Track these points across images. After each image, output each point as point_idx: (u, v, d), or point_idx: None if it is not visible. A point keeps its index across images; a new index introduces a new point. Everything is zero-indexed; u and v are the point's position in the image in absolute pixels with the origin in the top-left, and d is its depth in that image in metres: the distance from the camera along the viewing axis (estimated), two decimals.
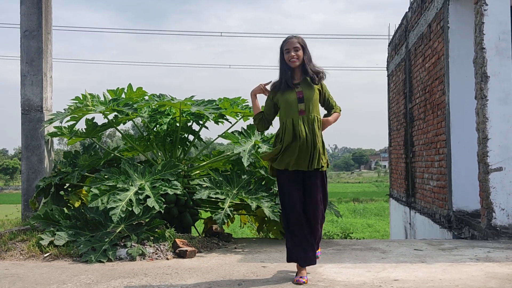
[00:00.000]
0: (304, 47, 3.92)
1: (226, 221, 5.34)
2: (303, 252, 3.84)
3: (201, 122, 6.47)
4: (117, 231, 5.09)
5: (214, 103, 6.07)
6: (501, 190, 5.72)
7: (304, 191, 3.89)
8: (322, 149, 3.89)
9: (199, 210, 6.38)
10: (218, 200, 5.96)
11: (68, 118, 6.08)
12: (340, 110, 4.14)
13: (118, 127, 6.56)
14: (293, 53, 3.88)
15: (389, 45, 13.75)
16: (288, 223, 3.86)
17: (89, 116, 6.24)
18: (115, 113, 6.13)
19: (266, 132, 6.09)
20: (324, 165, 3.90)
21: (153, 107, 6.33)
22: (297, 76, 3.97)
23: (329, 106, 4.09)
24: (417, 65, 9.68)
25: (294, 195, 3.84)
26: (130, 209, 5.04)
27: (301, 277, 3.82)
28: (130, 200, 5.10)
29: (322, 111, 4.08)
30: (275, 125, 4.16)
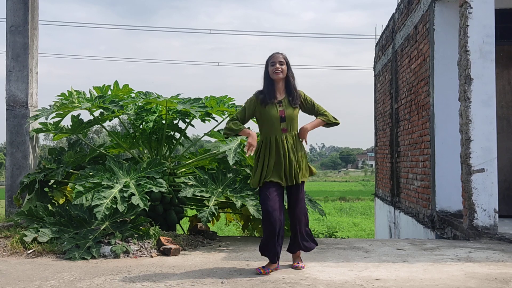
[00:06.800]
0: (288, 64, 4.10)
1: (211, 219, 5.36)
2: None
3: (187, 120, 6.47)
4: (101, 228, 5.08)
5: (200, 102, 6.07)
6: (483, 191, 5.81)
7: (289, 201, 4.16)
8: (303, 164, 4.09)
9: (184, 208, 6.39)
10: (204, 198, 5.98)
11: (54, 114, 6.05)
12: (332, 117, 4.25)
13: (104, 124, 6.54)
14: (278, 66, 4.04)
15: (376, 46, 13.83)
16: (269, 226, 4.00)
17: (75, 113, 6.23)
18: (101, 110, 6.12)
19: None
20: (305, 178, 4.10)
21: (139, 104, 6.32)
22: (280, 92, 4.12)
23: (319, 113, 4.23)
24: (403, 66, 9.76)
25: (276, 201, 3.99)
26: (115, 206, 5.04)
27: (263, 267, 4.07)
28: (115, 197, 5.09)
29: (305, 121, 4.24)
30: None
